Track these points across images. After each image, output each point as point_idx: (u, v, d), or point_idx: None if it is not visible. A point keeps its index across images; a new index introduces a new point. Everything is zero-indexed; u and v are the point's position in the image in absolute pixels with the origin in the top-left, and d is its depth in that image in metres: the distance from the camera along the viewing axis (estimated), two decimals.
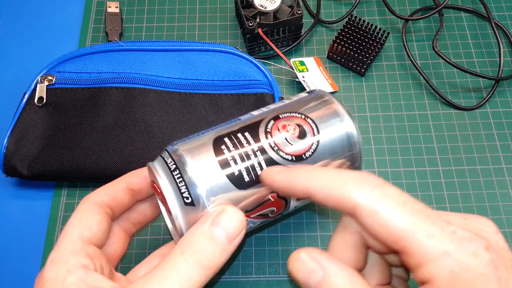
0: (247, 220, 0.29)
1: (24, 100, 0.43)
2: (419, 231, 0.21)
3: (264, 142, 0.29)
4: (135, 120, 0.43)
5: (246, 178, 0.28)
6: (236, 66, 0.45)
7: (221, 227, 0.26)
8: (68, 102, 0.43)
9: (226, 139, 0.29)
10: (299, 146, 0.29)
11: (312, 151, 0.29)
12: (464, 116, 0.47)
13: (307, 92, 0.33)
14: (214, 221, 0.26)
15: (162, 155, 0.29)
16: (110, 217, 0.30)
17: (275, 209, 0.31)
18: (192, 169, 0.27)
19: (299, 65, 0.48)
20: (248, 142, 0.29)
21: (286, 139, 0.29)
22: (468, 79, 0.49)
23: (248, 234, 0.41)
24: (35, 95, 0.43)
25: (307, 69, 0.48)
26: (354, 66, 0.48)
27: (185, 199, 0.27)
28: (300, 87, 0.48)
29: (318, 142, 0.30)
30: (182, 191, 0.27)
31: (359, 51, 0.47)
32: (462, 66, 0.47)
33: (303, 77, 0.47)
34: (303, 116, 0.30)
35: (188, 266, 0.25)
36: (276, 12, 0.47)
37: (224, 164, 0.28)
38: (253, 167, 0.28)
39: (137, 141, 0.42)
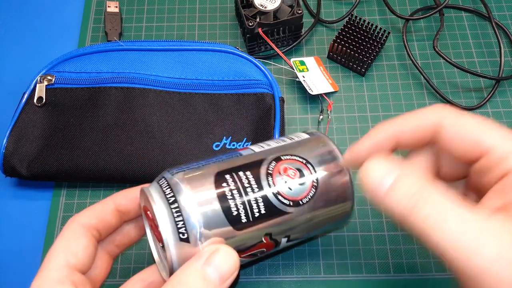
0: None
1: (24, 100, 0.43)
2: (496, 131, 0.25)
3: (265, 184, 0.29)
4: (134, 120, 0.42)
5: (244, 219, 0.28)
6: (236, 66, 0.45)
7: (214, 266, 0.25)
8: (67, 102, 0.43)
9: (227, 176, 0.28)
10: (298, 192, 0.29)
11: (310, 197, 0.30)
12: None
13: (307, 133, 0.33)
14: (208, 260, 0.25)
15: (160, 182, 0.28)
16: (96, 240, 0.29)
17: (265, 250, 0.30)
18: (191, 205, 0.27)
19: (299, 65, 0.47)
20: (249, 182, 0.28)
21: (285, 182, 0.29)
22: (469, 79, 0.48)
23: None
24: (34, 95, 0.43)
25: (307, 69, 0.48)
26: (355, 66, 0.48)
27: (180, 234, 0.26)
28: (300, 87, 0.48)
29: (316, 188, 0.30)
30: (179, 226, 0.26)
31: (359, 50, 0.47)
32: (462, 66, 0.47)
33: (303, 77, 0.47)
34: (304, 161, 0.30)
35: None
36: (276, 11, 0.47)
37: (224, 203, 0.27)
38: (251, 208, 0.28)
39: (137, 141, 0.42)
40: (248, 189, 0.28)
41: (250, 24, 0.46)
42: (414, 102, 0.47)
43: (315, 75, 0.47)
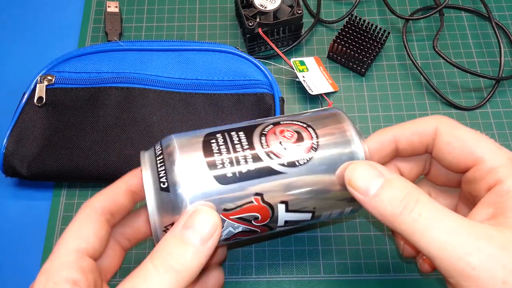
0: (226, 221, 0.27)
1: (24, 100, 0.43)
2: (489, 144, 0.27)
3: (256, 141, 0.27)
4: (134, 120, 0.42)
5: (229, 174, 0.26)
6: (236, 66, 0.45)
7: (193, 228, 0.25)
8: (67, 102, 0.43)
9: (218, 134, 0.28)
10: (294, 153, 0.27)
11: (306, 160, 0.27)
12: (464, 116, 0.46)
13: (323, 108, 0.31)
14: (186, 223, 0.25)
15: (155, 144, 0.29)
16: (109, 224, 0.29)
17: (259, 217, 0.28)
18: (175, 155, 0.26)
19: (299, 65, 0.48)
20: (239, 140, 0.27)
21: (280, 143, 0.27)
22: (469, 79, 0.48)
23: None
24: (34, 95, 0.43)
25: (307, 69, 0.48)
26: (355, 66, 0.48)
27: (161, 184, 0.26)
28: (300, 87, 0.48)
29: (315, 150, 0.28)
30: (161, 175, 0.26)
31: (359, 51, 0.47)
32: (462, 66, 0.47)
33: (303, 77, 0.47)
34: (304, 125, 0.29)
35: (158, 274, 0.24)
36: (276, 11, 0.47)
37: (208, 155, 0.27)
38: (238, 163, 0.27)
39: (137, 141, 0.42)
40: (237, 146, 0.27)
41: (250, 24, 0.46)
42: (414, 102, 0.47)
43: (315, 75, 0.47)
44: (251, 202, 0.27)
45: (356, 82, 0.48)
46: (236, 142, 0.27)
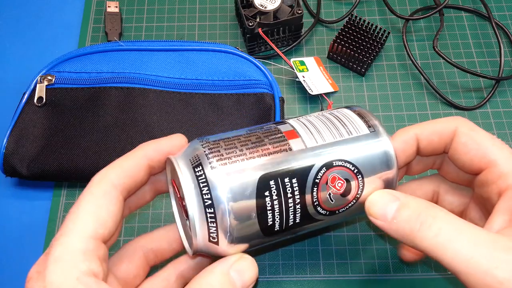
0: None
1: (24, 100, 0.43)
2: (503, 149, 0.27)
3: (308, 195, 0.27)
4: (134, 120, 0.42)
5: (277, 228, 0.28)
6: (236, 66, 0.45)
7: (239, 273, 0.26)
8: (67, 102, 0.43)
9: (272, 183, 0.27)
10: (338, 203, 0.28)
11: (347, 207, 0.29)
12: (464, 116, 0.46)
13: (367, 124, 0.30)
14: (233, 266, 0.26)
15: (196, 172, 0.26)
16: (124, 203, 0.27)
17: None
18: (228, 216, 0.26)
19: (299, 65, 0.48)
20: (292, 192, 0.27)
21: (329, 195, 0.28)
22: (469, 79, 0.48)
23: None
24: (34, 95, 0.43)
25: (307, 69, 0.48)
26: (355, 66, 0.48)
27: (211, 237, 0.26)
28: (300, 87, 0.48)
29: (357, 199, 0.29)
30: (211, 231, 0.26)
31: (359, 51, 0.47)
32: (462, 66, 0.47)
33: (303, 77, 0.47)
34: (355, 170, 0.28)
35: None
36: (276, 11, 0.47)
37: (262, 214, 0.26)
38: (287, 218, 0.27)
39: (137, 141, 0.42)
40: (290, 200, 0.27)
41: (250, 24, 0.46)
42: (414, 102, 0.47)
43: (315, 75, 0.47)
44: (286, 239, 0.30)
45: (356, 82, 0.48)
46: (289, 195, 0.27)
